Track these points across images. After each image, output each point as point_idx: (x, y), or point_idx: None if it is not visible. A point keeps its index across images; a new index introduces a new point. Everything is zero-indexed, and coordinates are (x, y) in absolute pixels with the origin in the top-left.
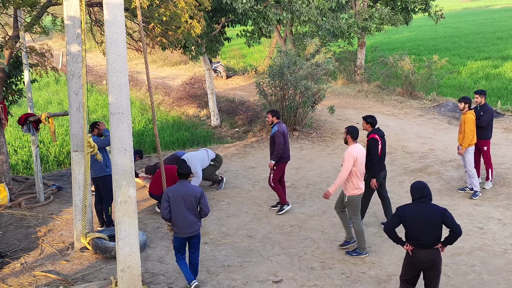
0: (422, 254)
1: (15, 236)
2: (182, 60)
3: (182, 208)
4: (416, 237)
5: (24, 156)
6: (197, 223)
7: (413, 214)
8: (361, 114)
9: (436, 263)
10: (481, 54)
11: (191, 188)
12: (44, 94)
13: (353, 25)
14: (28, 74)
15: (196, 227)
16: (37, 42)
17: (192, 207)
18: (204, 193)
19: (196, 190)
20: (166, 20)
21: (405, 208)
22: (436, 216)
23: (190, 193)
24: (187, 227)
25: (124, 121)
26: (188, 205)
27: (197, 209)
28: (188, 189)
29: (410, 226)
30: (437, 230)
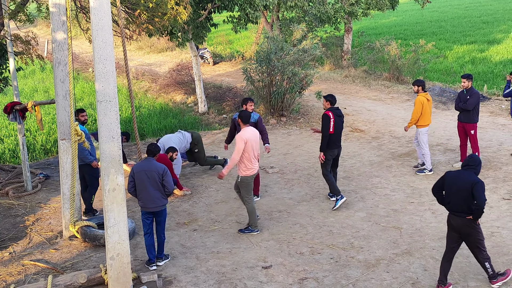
0: (452, 219)
1: (3, 225)
2: (169, 46)
3: (145, 183)
4: (447, 200)
5: (10, 145)
6: (161, 199)
7: (450, 178)
8: (349, 100)
9: (469, 234)
10: (467, 38)
11: (154, 165)
12: (30, 82)
13: (340, 10)
14: (14, 62)
15: (160, 203)
16: (21, 30)
17: (155, 183)
18: (167, 170)
19: (159, 167)
20: (152, 6)
21: (449, 172)
22: (466, 184)
23: (153, 169)
24: (150, 201)
25: (111, 109)
26: (151, 181)
27: (161, 186)
28: (151, 165)
29: (446, 189)
30: (465, 198)
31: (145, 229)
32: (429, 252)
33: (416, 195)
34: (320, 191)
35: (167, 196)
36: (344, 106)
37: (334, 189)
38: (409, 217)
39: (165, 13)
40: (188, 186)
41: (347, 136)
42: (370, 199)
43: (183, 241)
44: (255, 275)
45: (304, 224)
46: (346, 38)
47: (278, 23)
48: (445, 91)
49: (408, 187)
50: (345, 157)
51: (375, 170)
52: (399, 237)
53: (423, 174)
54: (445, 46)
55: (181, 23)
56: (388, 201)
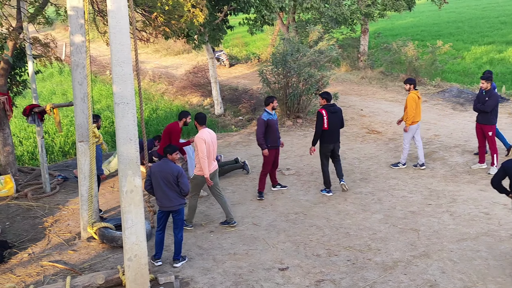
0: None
1: (22, 227)
2: (185, 49)
3: (160, 183)
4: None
5: (29, 147)
6: (177, 199)
7: None
8: (365, 101)
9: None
10: (485, 39)
11: (169, 166)
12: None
13: (356, 12)
14: (32, 65)
15: (176, 202)
16: (40, 33)
17: (170, 184)
18: (183, 172)
19: (173, 169)
20: (169, 9)
21: (508, 162)
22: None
23: (167, 170)
24: (167, 201)
25: (128, 111)
26: (166, 182)
27: (177, 187)
28: (166, 167)
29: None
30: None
31: (157, 226)
32: (447, 254)
33: (434, 197)
34: (337, 193)
35: (184, 197)
36: (361, 108)
37: (326, 182)
38: (427, 219)
39: (181, 16)
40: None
41: (364, 138)
42: (387, 201)
43: (200, 242)
44: (272, 277)
45: (321, 226)
46: (363, 40)
47: (294, 24)
48: (463, 92)
49: (426, 189)
50: (362, 158)
51: (392, 172)
52: (417, 239)
53: (397, 168)
54: (462, 47)
55: (198, 26)
56: (406, 203)
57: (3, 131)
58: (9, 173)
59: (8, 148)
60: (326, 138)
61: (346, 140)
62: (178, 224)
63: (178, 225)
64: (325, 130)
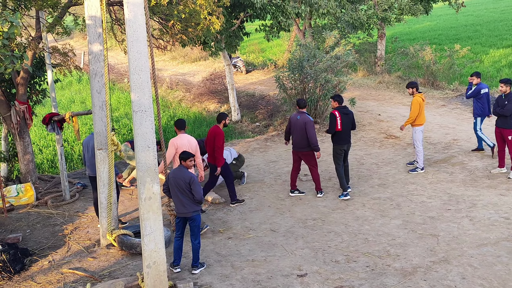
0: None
1: (42, 234)
2: (202, 56)
3: (175, 190)
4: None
5: (49, 155)
6: (192, 205)
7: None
8: (383, 106)
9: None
10: (503, 42)
11: (182, 173)
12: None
13: (373, 16)
14: (51, 74)
15: (190, 209)
16: (58, 42)
17: (183, 191)
18: (195, 179)
19: (186, 176)
20: (186, 17)
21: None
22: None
23: (180, 177)
24: (181, 207)
25: (146, 119)
26: (179, 188)
27: (190, 194)
28: (179, 174)
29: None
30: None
31: (176, 232)
32: (467, 260)
33: (453, 202)
34: (355, 198)
35: (197, 204)
36: (378, 113)
37: (342, 184)
38: (446, 224)
39: (198, 23)
40: (222, 194)
41: (382, 143)
42: (406, 206)
43: (218, 249)
44: (291, 283)
45: (339, 232)
46: (380, 44)
47: (311, 30)
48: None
49: (445, 194)
50: (380, 164)
51: (410, 177)
52: (436, 245)
53: (416, 173)
54: (481, 50)
55: (214, 33)
56: (425, 208)
57: (23, 139)
58: (29, 181)
59: (28, 156)
60: (340, 139)
61: (364, 145)
62: (194, 231)
63: (194, 232)
64: (339, 131)
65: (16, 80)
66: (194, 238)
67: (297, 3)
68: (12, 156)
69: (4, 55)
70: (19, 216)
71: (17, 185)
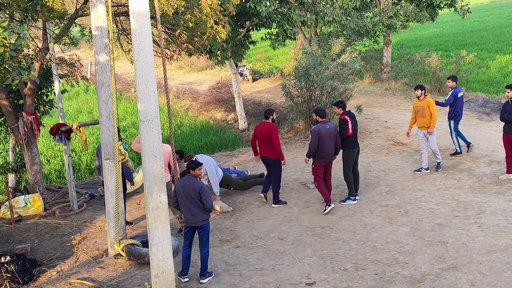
0: None
1: (50, 245)
2: (208, 65)
3: (184, 199)
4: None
5: (56, 165)
6: (201, 215)
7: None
8: (389, 113)
9: None
10: (510, 48)
11: (192, 182)
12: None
13: (378, 23)
14: (58, 84)
15: (200, 218)
16: (65, 53)
17: (193, 200)
18: (205, 188)
19: (196, 185)
20: (192, 26)
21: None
22: None
23: (190, 186)
24: (190, 217)
25: (153, 128)
26: (189, 197)
27: (200, 203)
28: (189, 183)
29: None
30: None
31: (184, 241)
32: (476, 267)
33: (461, 209)
34: (363, 206)
35: (207, 213)
36: (385, 120)
37: (351, 190)
38: (455, 231)
39: (204, 33)
40: (229, 203)
41: (389, 150)
42: (414, 213)
43: (226, 258)
44: None
45: (347, 239)
46: (386, 51)
47: (316, 38)
48: (489, 101)
49: (453, 201)
50: (388, 171)
51: (418, 184)
52: (445, 252)
53: (420, 173)
54: (487, 56)
55: (220, 42)
56: (433, 215)
57: (31, 150)
58: (37, 191)
59: (36, 167)
60: (351, 143)
61: (371, 152)
62: (203, 240)
63: (203, 241)
64: (350, 135)
65: (24, 91)
66: (203, 247)
67: (303, 11)
68: (20, 167)
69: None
70: (27, 226)
71: (25, 196)
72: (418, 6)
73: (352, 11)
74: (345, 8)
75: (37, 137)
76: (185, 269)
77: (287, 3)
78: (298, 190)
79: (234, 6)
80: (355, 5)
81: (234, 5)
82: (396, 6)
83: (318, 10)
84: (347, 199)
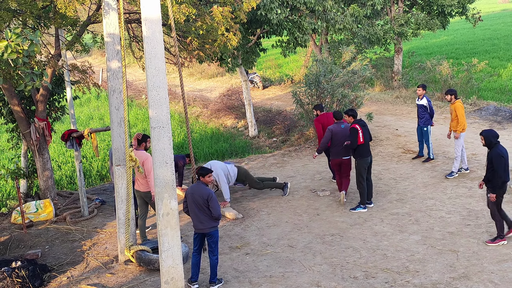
0: None
1: (61, 250)
2: (219, 72)
3: (192, 205)
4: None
5: (67, 171)
6: (209, 222)
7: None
8: (400, 120)
9: None
10: None
11: (201, 189)
12: (86, 110)
13: (389, 31)
14: (70, 91)
15: (208, 225)
16: (77, 59)
17: (201, 207)
18: (213, 196)
19: (203, 192)
20: (203, 33)
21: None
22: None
23: (198, 193)
24: (198, 223)
25: (164, 135)
26: (197, 204)
27: (208, 210)
28: (198, 190)
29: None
30: None
31: (194, 247)
32: (487, 276)
33: (473, 217)
34: (373, 213)
35: (215, 220)
36: (396, 127)
37: (363, 198)
38: (466, 240)
39: (215, 40)
40: (239, 209)
41: (400, 158)
42: (424, 222)
43: (235, 265)
44: None
45: (358, 247)
46: (396, 59)
47: (327, 45)
48: (500, 110)
49: (464, 209)
50: (398, 179)
51: (429, 192)
52: (456, 261)
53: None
54: (498, 64)
55: (231, 49)
56: (444, 223)
57: (43, 156)
58: (48, 197)
59: (47, 172)
60: (363, 151)
61: (382, 160)
62: (212, 247)
63: (212, 248)
64: (361, 144)
65: (36, 97)
66: (212, 254)
67: (314, 19)
68: (31, 173)
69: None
70: (38, 232)
71: (36, 201)
72: (429, 14)
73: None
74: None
75: (48, 143)
76: (194, 276)
77: (298, 10)
78: (308, 198)
79: (245, 14)
80: (366, 13)
81: (245, 13)
82: (407, 14)
83: (329, 17)
84: (357, 207)
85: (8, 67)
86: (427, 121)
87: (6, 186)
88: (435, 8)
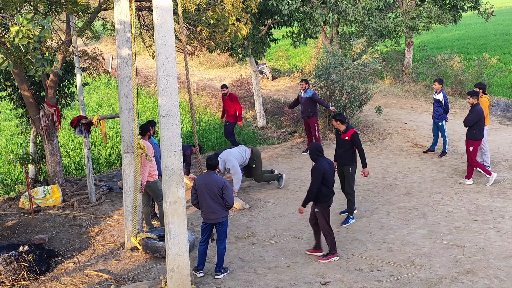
0: None
1: (68, 236)
2: (229, 62)
3: (205, 196)
4: None
5: (76, 157)
6: (222, 211)
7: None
8: (409, 114)
9: None
10: None
11: (214, 179)
12: (95, 97)
13: (401, 24)
14: (80, 77)
15: (220, 214)
16: (88, 46)
17: (215, 196)
18: (228, 185)
19: (219, 181)
20: (213, 23)
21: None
22: None
23: (213, 183)
24: (210, 213)
25: (173, 123)
26: (211, 194)
27: (222, 199)
28: (211, 179)
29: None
30: None
31: (201, 237)
32: (493, 271)
33: (480, 213)
34: (380, 207)
35: (227, 209)
36: (405, 121)
37: (352, 206)
38: (473, 235)
39: (226, 29)
40: (246, 200)
41: (408, 152)
42: (431, 216)
43: (241, 254)
44: None
45: (364, 240)
46: (407, 52)
47: (338, 37)
48: (510, 106)
49: (471, 204)
50: (406, 173)
51: (437, 187)
52: (462, 256)
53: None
54: (510, 60)
55: (241, 39)
56: (451, 218)
57: (51, 141)
58: (56, 183)
59: (56, 158)
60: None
61: (390, 154)
62: (221, 236)
63: (221, 237)
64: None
65: (46, 83)
66: (220, 243)
67: (325, 11)
68: (40, 158)
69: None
70: (46, 217)
71: (44, 187)
72: (442, 8)
73: (374, 11)
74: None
75: (57, 129)
76: (200, 264)
77: (309, 1)
78: None
79: (256, 4)
80: (378, 5)
81: (256, 3)
82: (419, 8)
83: (340, 9)
84: (348, 219)
85: (18, 52)
86: (441, 116)
87: (14, 171)
88: (448, 2)
